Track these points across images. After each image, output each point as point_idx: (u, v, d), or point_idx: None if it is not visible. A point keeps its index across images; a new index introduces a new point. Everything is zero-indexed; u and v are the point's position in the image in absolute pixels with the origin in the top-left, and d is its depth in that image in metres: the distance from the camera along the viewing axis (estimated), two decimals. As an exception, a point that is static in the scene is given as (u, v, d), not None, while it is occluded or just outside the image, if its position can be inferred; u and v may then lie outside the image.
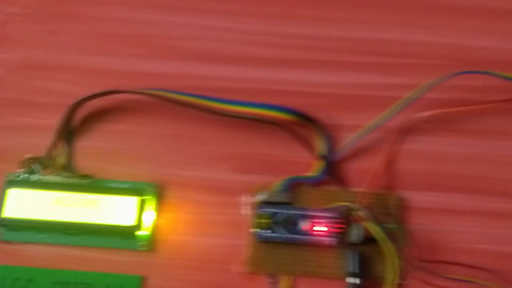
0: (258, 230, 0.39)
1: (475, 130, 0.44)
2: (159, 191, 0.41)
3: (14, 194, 0.40)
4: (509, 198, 0.42)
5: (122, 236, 0.40)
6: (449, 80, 0.42)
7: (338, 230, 0.39)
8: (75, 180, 0.41)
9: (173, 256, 0.40)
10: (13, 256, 0.40)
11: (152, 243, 0.40)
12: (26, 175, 0.41)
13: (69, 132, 0.43)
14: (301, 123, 0.42)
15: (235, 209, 0.41)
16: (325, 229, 0.39)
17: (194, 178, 0.42)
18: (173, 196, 0.42)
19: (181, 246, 0.41)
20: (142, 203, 0.40)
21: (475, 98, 0.44)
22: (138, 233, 0.40)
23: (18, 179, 0.41)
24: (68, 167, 0.42)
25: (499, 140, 0.44)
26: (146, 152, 0.43)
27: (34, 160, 0.41)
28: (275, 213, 0.39)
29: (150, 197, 0.41)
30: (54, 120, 0.43)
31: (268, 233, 0.39)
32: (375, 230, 0.38)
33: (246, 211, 0.41)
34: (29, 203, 0.40)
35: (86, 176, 0.41)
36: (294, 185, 0.41)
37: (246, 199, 0.41)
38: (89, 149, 0.43)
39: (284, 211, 0.39)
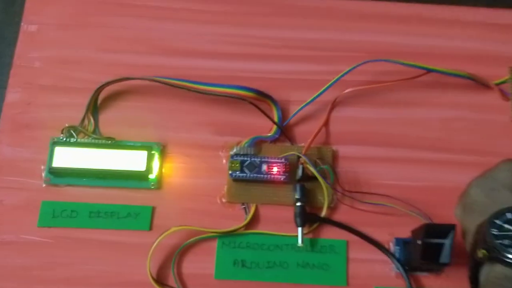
0: (232, 172, 0.54)
1: (384, 102, 0.59)
2: (162, 148, 0.56)
3: (58, 151, 0.54)
4: (410, 148, 0.57)
5: (137, 178, 0.54)
6: (362, 66, 0.57)
7: (288, 171, 0.54)
8: (102, 141, 0.55)
9: (174, 192, 0.55)
10: (60, 195, 0.54)
11: (159, 183, 0.55)
12: (66, 138, 0.55)
13: (95, 108, 0.58)
14: (260, 99, 0.57)
15: (216, 159, 0.56)
16: (279, 170, 0.54)
17: (186, 138, 0.57)
18: (172, 151, 0.57)
19: (179, 185, 0.55)
20: (151, 155, 0.55)
21: (381, 79, 0.59)
22: (149, 176, 0.54)
23: (60, 140, 0.55)
24: (95, 133, 0.57)
25: (401, 108, 0.59)
26: (151, 121, 0.58)
27: (71, 127, 0.56)
28: (244, 160, 0.55)
29: (156, 151, 0.56)
30: (83, 99, 0.57)
31: (239, 173, 0.54)
32: (312, 170, 0.54)
33: (224, 160, 0.56)
34: (70, 157, 0.54)
35: (109, 138, 0.56)
36: (257, 142, 0.56)
37: (223, 152, 0.56)
38: (110, 120, 0.58)
39: (250, 158, 0.55)
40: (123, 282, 0.51)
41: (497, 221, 0.43)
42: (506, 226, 0.43)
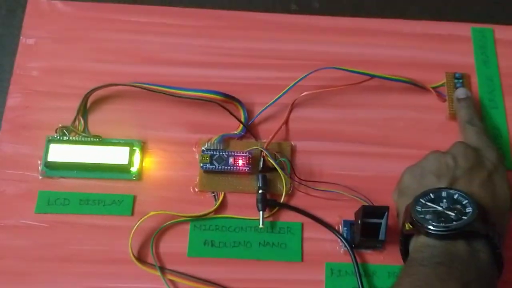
0: (203, 164, 0.61)
1: (335, 103, 0.66)
2: (142, 144, 0.63)
3: (53, 147, 0.61)
4: (357, 143, 0.64)
5: (121, 171, 0.61)
6: (316, 72, 0.64)
7: (251, 163, 0.61)
8: (90, 139, 0.62)
9: (153, 182, 0.62)
10: (54, 185, 0.61)
11: (139, 175, 0.62)
12: (59, 137, 0.62)
13: (84, 110, 0.64)
14: (229, 101, 0.64)
15: (190, 154, 0.63)
16: (244, 162, 0.61)
17: (164, 136, 0.64)
18: (152, 147, 0.63)
19: (158, 177, 0.62)
20: (132, 151, 0.62)
21: (333, 84, 0.66)
22: (131, 169, 0.61)
23: (55, 138, 0.62)
24: (85, 132, 0.64)
25: (350, 108, 0.66)
26: (133, 121, 0.64)
27: (64, 127, 0.63)
28: (213, 154, 0.61)
29: (137, 147, 0.63)
30: (73, 103, 0.64)
31: (209, 165, 0.61)
32: (272, 162, 0.61)
33: (197, 155, 0.63)
34: (63, 153, 0.61)
35: (97, 136, 0.63)
36: (226, 139, 0.63)
37: (196, 148, 0.63)
38: (97, 121, 0.64)
39: (218, 152, 0.62)
40: (108, 259, 0.57)
41: (421, 200, 0.50)
42: (429, 204, 0.50)
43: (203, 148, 0.61)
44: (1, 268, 0.57)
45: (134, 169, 0.61)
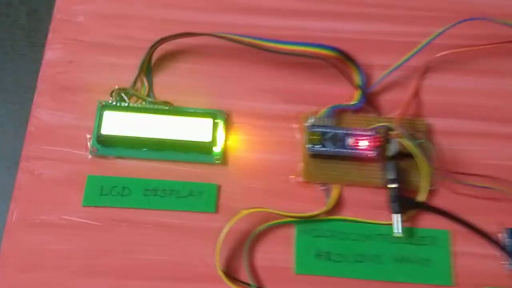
0: (311, 145, 0.42)
1: (485, 69, 0.47)
2: (226, 117, 0.44)
3: (108, 116, 0.42)
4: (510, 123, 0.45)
5: (200, 151, 0.43)
6: (454, 28, 0.45)
7: (378, 145, 0.42)
8: (158, 106, 0.43)
9: (240, 168, 0.43)
10: (109, 168, 0.43)
11: (224, 158, 0.43)
12: (116, 102, 0.43)
13: (148, 69, 0.45)
14: (341, 60, 0.45)
15: (288, 132, 0.45)
16: (368, 144, 0.42)
17: (252, 107, 0.45)
18: (238, 121, 0.44)
19: (247, 160, 0.44)
20: (215, 124, 0.43)
21: (476, 43, 0.47)
22: (214, 148, 0.42)
23: (110, 104, 0.43)
24: (149, 96, 0.44)
25: (504, 77, 0.47)
26: (212, 85, 0.46)
27: (122, 90, 0.44)
28: (325, 131, 0.42)
29: (221, 120, 0.43)
30: (133, 59, 0.46)
31: (319, 147, 0.42)
32: (409, 145, 0.42)
33: (299, 134, 0.44)
34: (121, 124, 0.42)
35: (166, 103, 0.44)
36: (337, 112, 0.44)
37: (297, 124, 0.44)
38: (165, 83, 0.46)
39: (332, 130, 0.42)
40: (185, 275, 0.39)
41: None
42: None
43: (308, 123, 0.43)
44: (36, 283, 0.38)
45: (217, 149, 0.43)
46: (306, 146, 0.42)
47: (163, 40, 0.45)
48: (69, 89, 0.45)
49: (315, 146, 0.42)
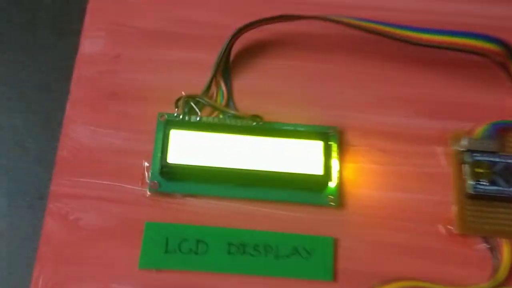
0: (473, 182, 0.28)
1: None
2: (339, 136, 0.30)
3: (176, 136, 0.29)
4: None
5: (307, 188, 0.29)
6: None
7: None
8: (243, 122, 0.30)
9: (364, 213, 0.30)
10: (176, 211, 0.29)
11: (340, 197, 0.29)
12: (184, 116, 0.30)
13: (226, 68, 0.32)
14: (506, 57, 0.31)
15: (429, 160, 0.31)
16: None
17: (376, 122, 0.32)
18: (355, 142, 0.31)
19: (372, 201, 0.30)
20: (327, 148, 0.29)
21: None
22: (328, 184, 0.29)
23: (177, 119, 0.29)
24: (229, 107, 0.31)
25: None
26: (316, 91, 0.33)
27: (191, 98, 0.30)
28: (494, 162, 0.28)
29: (333, 141, 0.30)
30: (205, 54, 0.32)
31: (485, 185, 0.28)
32: None
33: (445, 161, 0.30)
34: (193, 147, 0.29)
35: (255, 117, 0.30)
36: (500, 131, 0.30)
37: (443, 148, 0.30)
38: (249, 87, 0.33)
39: (503, 159, 0.29)
40: None
41: None
42: None
43: (461, 146, 0.30)
44: None
45: (332, 184, 0.28)
46: (468, 183, 0.28)
47: (248, 27, 0.32)
48: (116, 96, 0.32)
49: (481, 184, 0.28)
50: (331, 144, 0.30)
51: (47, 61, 0.35)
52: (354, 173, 0.31)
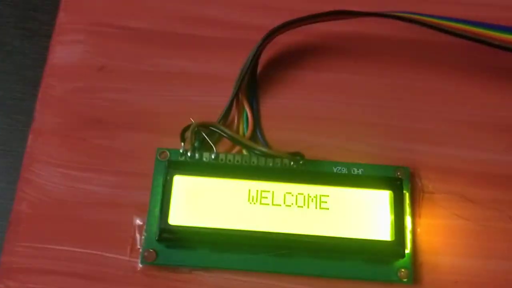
0: None
1: None
2: (412, 181, 0.21)
3: (180, 183, 0.20)
4: None
5: (369, 258, 0.20)
6: None
7: None
8: (276, 162, 0.21)
9: (449, 292, 0.20)
10: (179, 292, 0.20)
11: (415, 269, 0.20)
12: (193, 153, 0.20)
13: (252, 85, 0.23)
14: None
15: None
16: None
17: (461, 159, 0.22)
18: (432, 188, 0.21)
19: (461, 273, 0.21)
20: (398, 201, 0.20)
21: None
22: (400, 252, 0.19)
23: (183, 159, 0.20)
24: (257, 140, 0.22)
25: None
26: (375, 116, 0.23)
27: (203, 127, 0.21)
28: None
29: (406, 190, 0.21)
30: (224, 64, 0.24)
31: None
32: None
33: None
34: (206, 201, 0.19)
35: (294, 155, 0.21)
36: None
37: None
38: (284, 111, 0.24)
39: None
40: None
41: None
42: None
43: None
44: None
45: (406, 251, 0.18)
46: None
47: (283, 28, 0.23)
48: (99, 124, 0.22)
49: None
50: (402, 194, 0.21)
51: (10, 72, 0.26)
52: (432, 234, 0.22)
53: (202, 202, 0.20)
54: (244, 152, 0.22)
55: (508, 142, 0.24)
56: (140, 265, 0.21)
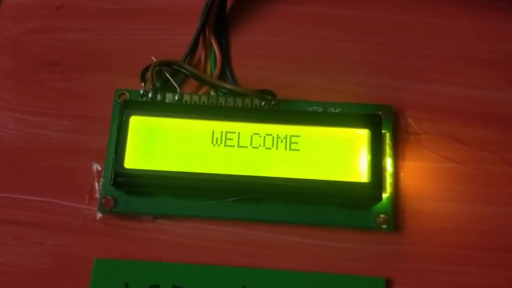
0: None
1: None
2: (393, 121, 0.21)
3: (137, 124, 0.20)
4: None
5: (346, 203, 0.20)
6: None
7: None
8: (246, 102, 0.21)
9: (433, 239, 0.21)
10: (141, 241, 0.20)
11: (396, 215, 0.20)
12: (155, 93, 0.21)
13: (220, 18, 0.23)
14: None
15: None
16: None
17: (451, 97, 0.23)
18: (419, 129, 0.21)
19: (445, 220, 0.22)
20: (377, 140, 0.20)
21: None
22: (374, 196, 0.19)
23: (143, 100, 0.20)
24: (225, 77, 0.22)
25: None
26: (355, 51, 0.23)
27: (166, 66, 0.21)
28: None
29: (387, 129, 0.20)
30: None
31: None
32: None
33: None
34: (167, 144, 0.20)
35: (265, 94, 0.21)
36: None
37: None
38: (255, 48, 0.24)
39: None
40: None
41: None
42: None
43: None
44: None
45: (384, 195, 0.19)
46: None
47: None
48: (56, 66, 0.23)
49: None
50: (382, 134, 0.21)
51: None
52: (417, 178, 0.22)
53: (162, 144, 0.20)
54: (212, 93, 0.22)
55: (506, 78, 0.24)
56: (99, 214, 0.21)
